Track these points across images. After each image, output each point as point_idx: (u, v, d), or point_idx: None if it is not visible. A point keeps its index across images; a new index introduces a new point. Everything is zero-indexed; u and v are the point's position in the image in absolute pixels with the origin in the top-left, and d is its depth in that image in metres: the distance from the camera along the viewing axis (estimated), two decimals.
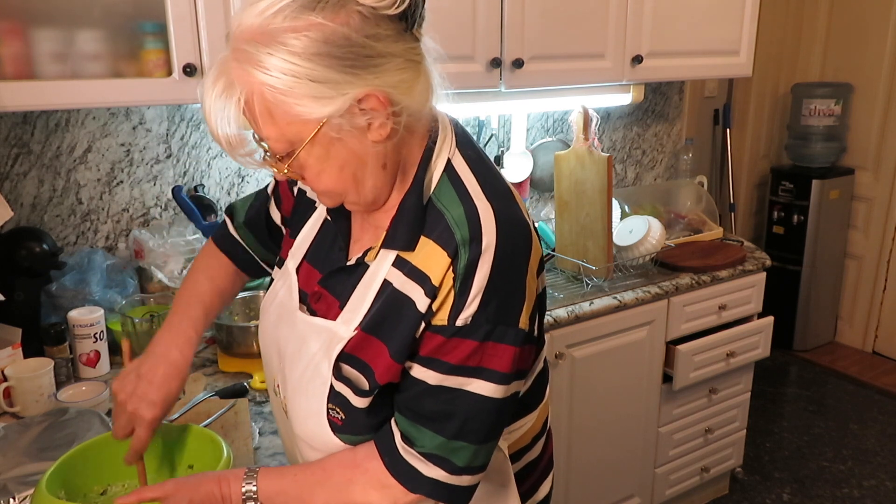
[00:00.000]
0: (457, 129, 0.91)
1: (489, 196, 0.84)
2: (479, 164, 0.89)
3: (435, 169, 0.86)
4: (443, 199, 0.85)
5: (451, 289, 0.81)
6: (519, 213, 0.87)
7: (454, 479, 0.85)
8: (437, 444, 0.84)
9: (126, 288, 1.69)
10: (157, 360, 0.99)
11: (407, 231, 0.84)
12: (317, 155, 0.80)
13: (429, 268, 0.82)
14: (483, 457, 0.86)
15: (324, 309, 0.93)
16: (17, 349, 1.45)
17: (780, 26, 3.60)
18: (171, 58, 1.45)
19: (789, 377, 3.58)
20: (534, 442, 1.04)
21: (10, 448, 1.19)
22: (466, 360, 0.82)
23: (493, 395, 0.83)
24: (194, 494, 0.87)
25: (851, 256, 3.79)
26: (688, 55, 2.27)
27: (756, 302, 2.40)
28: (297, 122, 0.76)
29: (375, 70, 0.75)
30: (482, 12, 1.82)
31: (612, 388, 2.13)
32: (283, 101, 0.74)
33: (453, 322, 0.81)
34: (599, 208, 2.06)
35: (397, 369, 0.84)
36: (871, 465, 2.84)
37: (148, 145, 1.82)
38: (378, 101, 0.76)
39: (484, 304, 0.80)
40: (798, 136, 3.67)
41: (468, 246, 0.80)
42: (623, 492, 2.28)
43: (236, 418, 1.29)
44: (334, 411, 0.88)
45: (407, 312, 0.83)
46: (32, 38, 1.36)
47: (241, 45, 0.74)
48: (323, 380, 0.88)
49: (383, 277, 0.86)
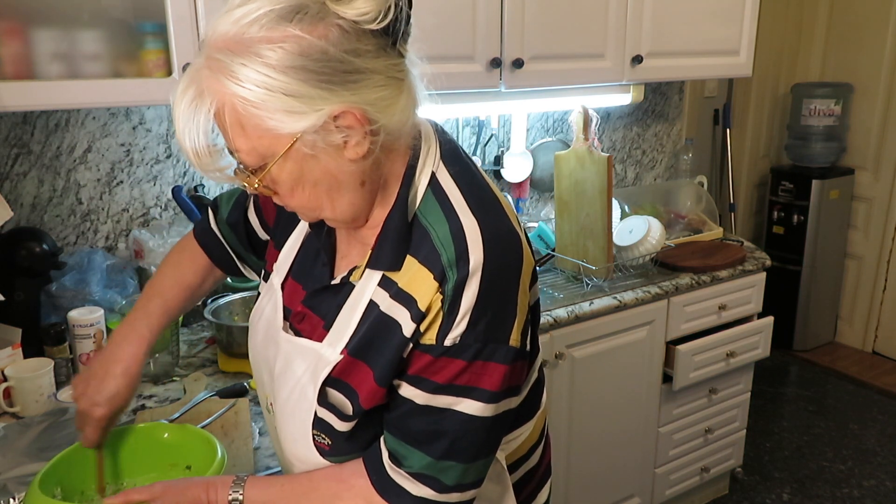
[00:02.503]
0: (441, 140, 0.87)
1: (475, 209, 0.81)
2: (465, 175, 0.86)
3: (419, 184, 0.83)
4: (428, 217, 0.82)
5: (439, 310, 0.78)
6: (508, 224, 0.84)
7: (442, 497, 0.83)
8: (426, 465, 0.82)
9: (126, 288, 1.69)
10: (106, 358, 1.00)
11: (392, 250, 0.82)
12: (290, 171, 0.77)
13: (415, 290, 0.80)
14: (473, 474, 0.84)
15: (308, 329, 0.91)
16: (17, 349, 1.45)
17: (780, 26, 3.59)
18: (171, 58, 1.45)
19: (789, 377, 3.58)
20: (531, 451, 1.02)
21: (10, 448, 1.19)
22: (455, 379, 0.80)
23: (482, 413, 0.81)
24: (181, 498, 0.87)
25: (851, 256, 3.79)
26: (688, 55, 2.27)
27: (756, 302, 2.40)
28: (269, 137, 0.73)
29: (353, 86, 0.73)
30: (482, 12, 1.82)
31: (612, 389, 2.12)
32: (255, 114, 0.72)
33: (441, 342, 0.79)
34: (599, 208, 2.06)
35: (381, 393, 0.83)
36: (871, 465, 2.84)
37: (148, 145, 1.82)
38: (354, 119, 0.73)
39: (473, 324, 0.78)
40: (798, 136, 3.67)
41: (455, 267, 0.78)
42: (623, 492, 2.28)
43: (236, 418, 1.30)
44: (320, 437, 0.87)
45: (393, 336, 0.81)
46: (32, 38, 1.36)
47: (213, 54, 0.72)
48: (309, 404, 0.87)
49: (369, 298, 0.84)
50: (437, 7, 1.74)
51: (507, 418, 0.86)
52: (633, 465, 2.27)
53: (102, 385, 0.97)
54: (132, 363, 1.00)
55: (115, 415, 0.99)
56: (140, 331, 1.02)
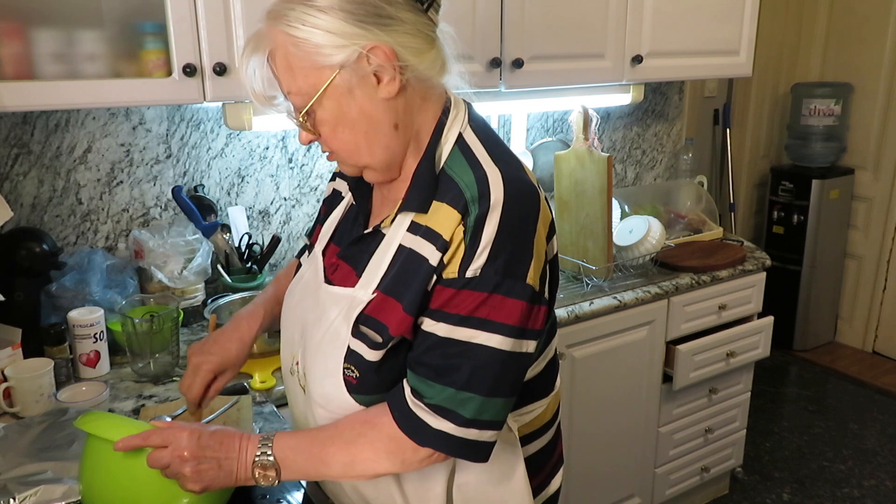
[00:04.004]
0: (470, 111, 0.97)
1: (497, 161, 0.90)
2: (490, 137, 0.95)
3: (447, 141, 0.92)
4: (455, 168, 0.90)
5: (461, 241, 0.86)
6: (527, 178, 0.92)
7: (462, 432, 0.87)
8: (446, 397, 0.86)
9: (126, 288, 1.69)
10: (228, 325, 1.16)
11: (419, 195, 0.90)
12: (331, 110, 0.87)
13: (441, 226, 0.87)
14: (491, 411, 0.88)
15: (340, 278, 0.99)
16: (17, 349, 1.45)
17: (780, 26, 3.60)
18: (171, 58, 1.45)
19: (789, 377, 3.58)
20: (544, 429, 1.08)
21: (10, 448, 1.19)
22: (475, 311, 0.85)
23: (500, 346, 0.86)
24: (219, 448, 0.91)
25: (851, 256, 3.79)
26: (688, 55, 2.27)
27: (756, 302, 2.40)
28: (313, 73, 0.85)
29: (385, 28, 0.84)
30: (482, 12, 1.82)
31: (613, 388, 2.13)
32: (300, 51, 0.84)
33: (463, 274, 0.85)
34: (599, 208, 2.06)
35: (409, 322, 0.88)
36: (871, 465, 2.84)
37: (148, 145, 1.82)
38: (384, 55, 0.84)
39: (493, 257, 0.85)
40: (798, 135, 3.67)
41: (477, 203, 0.86)
42: (623, 491, 2.28)
43: (238, 415, 1.30)
44: (349, 370, 0.92)
45: (420, 268, 0.88)
46: (32, 38, 1.36)
47: (271, 7, 0.86)
48: (341, 341, 0.93)
49: (398, 243, 0.92)
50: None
51: (524, 362, 0.91)
52: (633, 464, 2.27)
53: (217, 345, 1.12)
54: (247, 334, 1.14)
55: (222, 371, 1.11)
56: (256, 311, 1.17)
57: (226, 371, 1.12)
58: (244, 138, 1.94)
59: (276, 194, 2.02)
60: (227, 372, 1.12)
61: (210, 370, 1.10)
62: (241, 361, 1.14)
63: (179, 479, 0.90)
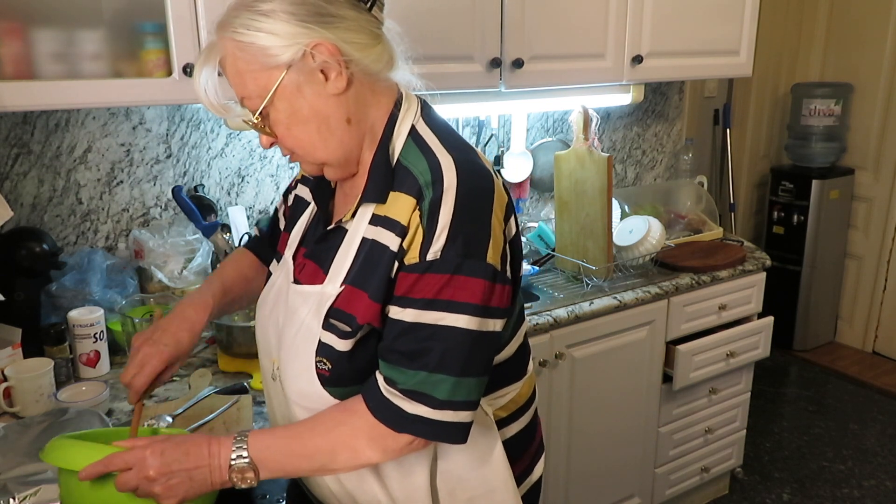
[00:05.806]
0: (423, 105, 1.00)
1: (450, 149, 0.93)
2: (443, 129, 0.97)
3: (399, 133, 0.95)
4: (409, 158, 0.93)
5: (419, 226, 0.88)
6: (480, 162, 0.94)
7: (437, 415, 0.89)
8: (419, 380, 0.88)
9: (126, 288, 1.69)
10: (173, 315, 1.11)
11: (377, 185, 0.93)
12: (284, 110, 0.90)
13: (398, 214, 0.90)
14: (464, 392, 0.89)
15: (308, 276, 1.00)
16: (17, 349, 1.45)
17: (780, 26, 3.60)
18: (171, 58, 1.45)
19: (789, 377, 3.58)
20: (520, 412, 1.10)
21: (10, 448, 1.19)
22: (439, 293, 0.87)
23: (468, 326, 0.88)
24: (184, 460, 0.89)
25: (851, 256, 3.79)
26: (688, 55, 2.27)
27: (756, 302, 2.40)
28: (262, 75, 0.88)
29: (327, 26, 0.87)
30: (482, 12, 1.82)
31: (612, 388, 2.13)
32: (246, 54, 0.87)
33: (424, 257, 0.87)
34: (599, 208, 2.06)
35: (376, 309, 0.91)
36: (871, 465, 2.84)
37: (148, 145, 1.82)
38: (328, 50, 0.87)
39: (451, 239, 0.87)
40: (798, 136, 3.67)
41: (431, 187, 0.89)
42: (623, 491, 2.28)
43: (239, 414, 1.30)
44: (322, 363, 0.93)
45: (383, 256, 0.91)
46: (32, 38, 1.36)
47: (222, 17, 0.89)
48: (312, 336, 0.94)
49: (362, 236, 0.94)
50: (437, 7, 1.75)
51: (492, 340, 0.93)
52: (633, 464, 2.27)
53: (168, 334, 1.07)
54: (196, 323, 1.10)
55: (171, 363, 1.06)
56: (204, 299, 1.13)
57: (175, 362, 1.08)
58: (244, 138, 1.94)
59: (276, 194, 2.02)
60: (176, 363, 1.08)
61: (162, 360, 1.05)
62: (191, 351, 1.11)
63: (153, 497, 0.88)
